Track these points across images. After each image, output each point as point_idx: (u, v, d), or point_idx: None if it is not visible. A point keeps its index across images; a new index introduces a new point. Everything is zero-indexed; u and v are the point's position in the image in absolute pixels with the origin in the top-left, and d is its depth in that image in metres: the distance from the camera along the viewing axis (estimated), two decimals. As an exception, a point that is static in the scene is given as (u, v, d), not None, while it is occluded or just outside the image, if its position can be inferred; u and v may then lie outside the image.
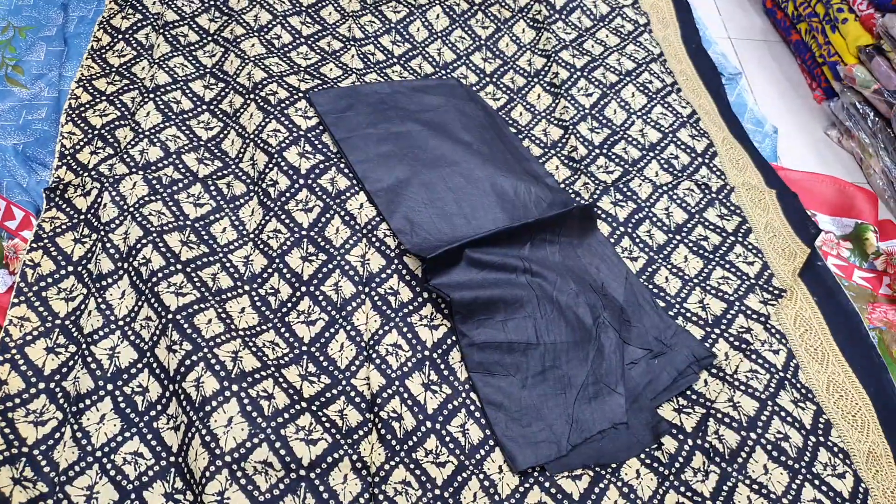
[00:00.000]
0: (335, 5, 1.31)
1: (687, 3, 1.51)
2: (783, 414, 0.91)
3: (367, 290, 0.92)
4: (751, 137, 1.30)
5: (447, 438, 0.82)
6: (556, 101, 1.25)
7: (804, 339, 1.00)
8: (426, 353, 0.88)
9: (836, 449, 0.89)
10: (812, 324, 1.02)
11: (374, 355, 0.86)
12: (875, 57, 1.27)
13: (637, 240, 1.08)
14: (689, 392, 0.92)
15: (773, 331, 0.99)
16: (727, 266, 1.06)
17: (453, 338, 0.90)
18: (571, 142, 1.19)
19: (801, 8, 1.45)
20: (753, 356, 0.96)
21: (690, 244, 1.09)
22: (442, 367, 0.88)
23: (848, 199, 1.23)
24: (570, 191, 1.13)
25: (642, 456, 0.86)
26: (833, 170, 1.32)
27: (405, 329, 0.89)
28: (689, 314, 1.01)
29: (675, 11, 1.49)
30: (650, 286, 1.03)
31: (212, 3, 1.26)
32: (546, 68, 1.30)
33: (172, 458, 0.77)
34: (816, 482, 0.86)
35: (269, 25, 1.24)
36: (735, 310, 1.01)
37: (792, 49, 1.52)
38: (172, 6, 1.25)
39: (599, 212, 1.10)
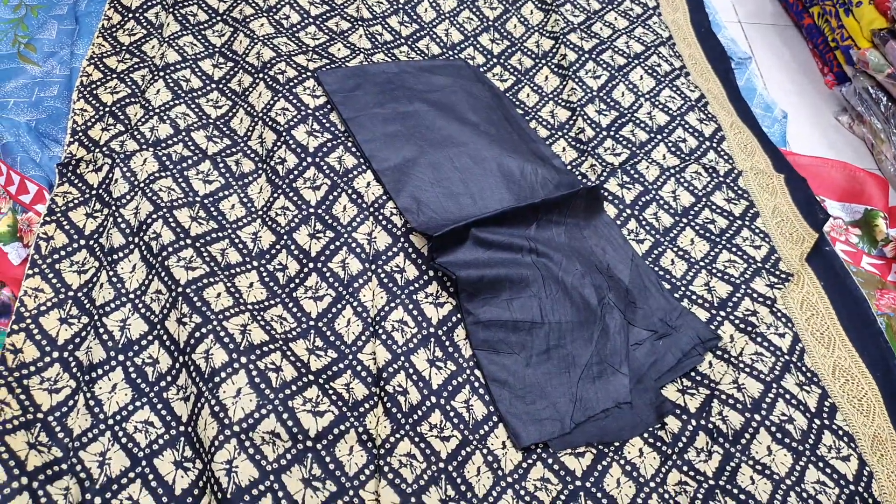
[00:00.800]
0: (344, -14, 1.30)
1: (698, -14, 1.50)
2: (788, 396, 0.91)
3: (373, 267, 0.93)
4: (760, 122, 1.29)
5: (451, 413, 0.84)
6: (564, 82, 1.25)
7: (810, 324, 1.00)
8: (431, 329, 0.89)
9: (840, 432, 0.89)
10: (819, 308, 1.02)
11: (380, 331, 0.87)
12: (889, 41, 1.26)
13: (643, 222, 1.08)
14: (693, 373, 0.93)
15: (779, 314, 0.99)
16: (734, 249, 1.06)
17: (458, 315, 0.91)
18: (579, 123, 1.19)
19: (814, -9, 1.44)
20: (759, 339, 0.96)
21: (697, 227, 1.09)
22: (447, 343, 0.89)
23: (858, 184, 1.22)
24: (577, 172, 1.13)
25: (645, 435, 0.86)
26: (843, 155, 1.31)
27: (411, 306, 0.90)
28: (694, 297, 1.01)
29: (687, -5, 1.48)
30: (656, 268, 1.03)
31: (221, -18, 1.26)
32: (554, 50, 1.29)
33: (182, 428, 0.78)
34: (820, 464, 0.86)
35: (278, 5, 1.24)
36: (741, 293, 1.01)
37: (803, 33, 1.51)
38: (182, -14, 1.25)
39: (606, 193, 1.10)
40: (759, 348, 0.95)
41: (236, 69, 1.15)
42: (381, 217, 0.99)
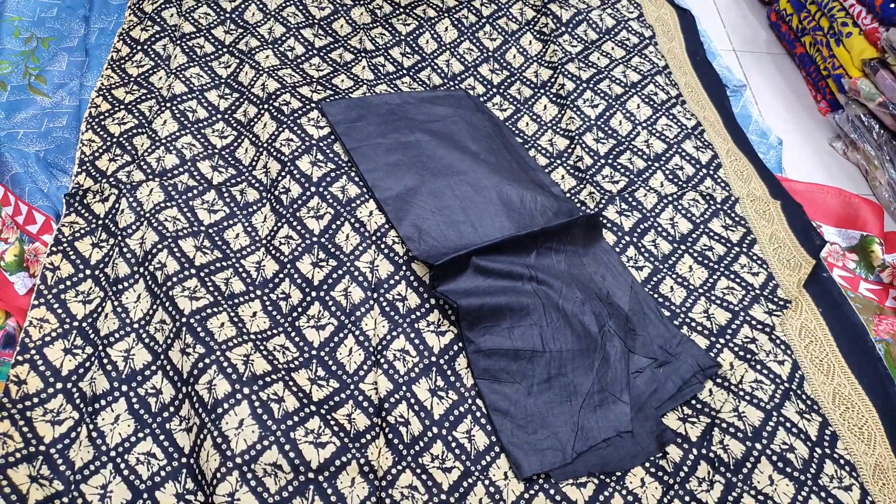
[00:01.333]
0: (347, 18, 1.32)
1: (691, 15, 1.52)
2: (788, 425, 0.90)
3: (375, 295, 0.93)
4: (756, 149, 1.30)
5: (453, 444, 0.83)
6: (563, 111, 1.26)
7: (809, 351, 1.00)
8: (433, 359, 0.89)
9: (842, 461, 0.88)
10: (817, 335, 1.02)
11: (381, 360, 0.87)
12: (879, 70, 1.27)
13: (642, 249, 1.08)
14: (693, 401, 0.92)
15: (778, 341, 0.99)
16: (732, 276, 1.06)
17: (460, 344, 0.91)
18: (577, 152, 1.20)
19: (805, 21, 1.46)
20: (758, 366, 0.95)
21: (695, 254, 1.09)
22: (448, 373, 0.88)
23: (853, 210, 1.23)
24: (576, 200, 1.14)
25: (647, 464, 0.86)
26: (838, 181, 1.32)
27: (412, 335, 0.90)
28: (693, 324, 1.01)
29: (680, 24, 1.50)
30: (655, 295, 1.03)
31: (227, 15, 1.29)
32: (552, 80, 1.31)
33: (184, 459, 0.78)
34: (822, 494, 0.85)
35: (283, 38, 1.26)
36: (740, 320, 1.01)
37: (796, 61, 1.53)
38: (189, 18, 1.27)
39: (605, 221, 1.11)
40: (758, 376, 0.95)
41: (242, 100, 1.16)
42: (383, 245, 0.99)
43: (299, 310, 0.92)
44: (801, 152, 1.37)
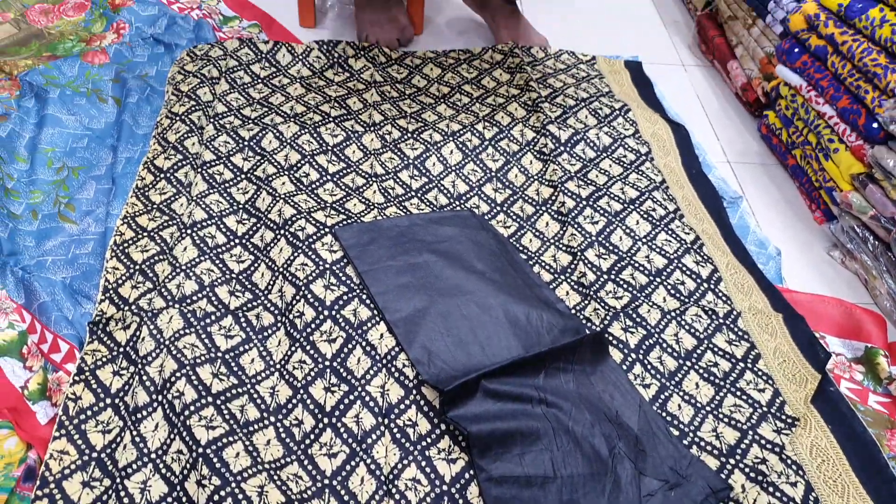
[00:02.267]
0: (359, 144, 1.47)
1: (686, 130, 1.68)
2: (806, 550, 0.93)
3: (386, 421, 1.00)
4: (755, 259, 1.40)
5: (466, 577, 0.86)
6: (564, 228, 1.37)
7: (822, 471, 1.04)
8: (444, 487, 0.94)
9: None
10: (829, 454, 1.06)
11: (393, 490, 0.92)
12: (868, 185, 1.39)
13: (648, 366, 1.15)
14: (707, 526, 0.96)
15: (788, 462, 1.03)
16: (738, 393, 1.12)
17: (471, 472, 0.96)
18: (580, 267, 1.30)
19: (794, 136, 1.60)
20: (771, 489, 1.00)
21: (701, 371, 1.16)
22: (460, 502, 0.93)
23: (855, 322, 1.30)
24: (581, 316, 1.22)
25: None
26: (839, 291, 1.40)
27: (424, 463, 0.95)
28: (703, 443, 1.06)
29: (675, 139, 1.65)
30: (663, 413, 1.09)
31: (246, 143, 1.44)
32: (553, 198, 1.43)
33: None
34: None
35: (298, 164, 1.40)
36: (749, 439, 1.06)
37: (789, 172, 1.66)
38: (210, 147, 1.42)
39: (611, 338, 1.18)
40: (771, 499, 0.99)
41: (259, 225, 1.28)
42: (393, 369, 1.06)
43: (312, 437, 0.98)
44: (800, 262, 1.46)
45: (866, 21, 1.40)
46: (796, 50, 1.58)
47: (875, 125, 1.37)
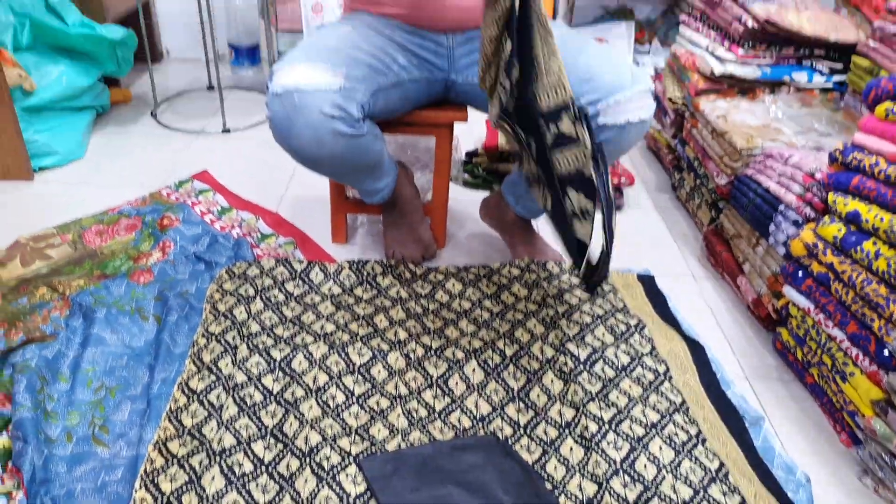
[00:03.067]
0: (384, 363, 1.60)
1: (702, 346, 1.79)
2: None
3: None
4: (784, 487, 1.42)
5: None
6: (588, 454, 1.43)
7: None
8: None
9: None
10: None
11: None
12: (889, 412, 1.45)
13: None
14: None
15: None
16: None
17: None
18: (606, 498, 1.33)
19: (808, 356, 1.70)
20: None
21: None
22: None
23: (899, 564, 1.29)
24: (610, 557, 1.23)
25: None
26: (878, 525, 1.40)
27: None
28: None
29: (692, 356, 1.76)
30: None
31: (276, 363, 1.56)
32: (576, 420, 1.51)
33: None
34: None
35: (326, 386, 1.51)
36: None
37: (809, 390, 1.73)
38: (242, 367, 1.55)
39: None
40: None
41: (285, 452, 1.36)
42: None
43: None
44: (830, 488, 1.48)
45: (862, 253, 1.56)
46: (800, 273, 1.73)
47: (886, 353, 1.47)
